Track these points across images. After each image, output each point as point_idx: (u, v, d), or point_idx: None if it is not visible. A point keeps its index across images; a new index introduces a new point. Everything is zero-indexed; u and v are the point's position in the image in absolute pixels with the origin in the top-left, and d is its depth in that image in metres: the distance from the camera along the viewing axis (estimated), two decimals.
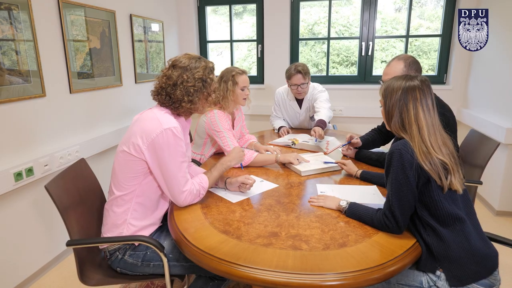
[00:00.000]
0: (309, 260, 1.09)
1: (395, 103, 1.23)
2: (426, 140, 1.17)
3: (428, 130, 1.18)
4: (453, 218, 1.14)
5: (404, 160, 1.15)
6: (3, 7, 1.80)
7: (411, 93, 1.21)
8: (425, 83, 1.23)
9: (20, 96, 1.92)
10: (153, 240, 1.33)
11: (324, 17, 3.89)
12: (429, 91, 1.22)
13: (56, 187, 1.38)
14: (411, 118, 1.20)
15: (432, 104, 1.22)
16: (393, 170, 1.18)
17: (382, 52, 4.06)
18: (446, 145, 1.21)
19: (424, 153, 1.15)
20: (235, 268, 1.07)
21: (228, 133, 2.10)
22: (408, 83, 1.22)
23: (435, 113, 1.22)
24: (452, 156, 1.20)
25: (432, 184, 1.14)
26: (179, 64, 1.42)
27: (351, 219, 1.35)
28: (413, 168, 1.14)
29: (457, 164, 1.20)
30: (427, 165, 1.13)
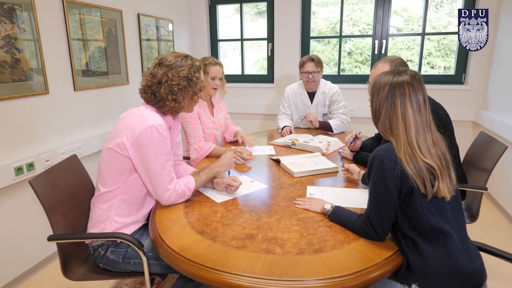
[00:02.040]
0: (279, 265, 1.05)
1: (383, 101, 1.14)
2: (413, 141, 1.08)
3: (416, 129, 1.09)
4: (436, 231, 1.05)
5: (385, 168, 1.07)
6: (6, 7, 1.86)
7: (399, 89, 1.11)
8: (416, 78, 1.13)
9: (23, 93, 1.98)
10: (132, 238, 1.33)
11: (347, 15, 3.79)
12: (420, 86, 1.12)
13: (42, 182, 1.40)
14: (398, 116, 1.10)
15: (424, 101, 1.12)
16: (373, 178, 1.11)
17: (407, 51, 3.92)
18: (438, 146, 1.12)
19: (409, 155, 1.06)
20: (202, 270, 1.05)
21: (192, 122, 2.22)
22: (396, 78, 1.13)
23: (427, 110, 1.12)
24: (443, 158, 1.10)
25: (415, 194, 1.05)
26: (165, 63, 1.42)
27: (334, 224, 1.29)
28: (395, 177, 1.06)
29: (449, 167, 1.11)
30: (411, 169, 1.05)
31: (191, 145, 2.24)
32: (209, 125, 2.36)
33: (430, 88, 3.46)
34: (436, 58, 3.84)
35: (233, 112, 4.04)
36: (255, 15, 3.94)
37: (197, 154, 2.21)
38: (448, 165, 1.10)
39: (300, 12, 3.68)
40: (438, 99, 3.37)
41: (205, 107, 2.37)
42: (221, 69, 2.33)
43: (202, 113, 2.33)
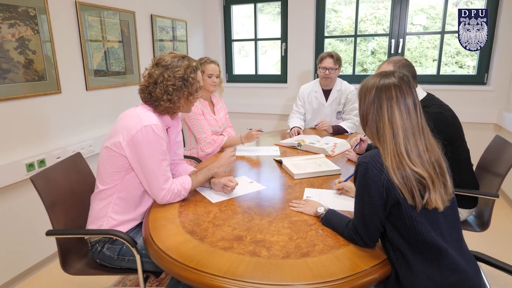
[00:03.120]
0: (263, 268, 1.03)
1: (369, 105, 1.08)
2: (401, 147, 1.01)
3: (404, 135, 1.02)
4: (428, 245, 0.99)
5: (369, 177, 1.02)
6: (21, 10, 1.94)
7: (385, 92, 1.05)
8: (404, 80, 1.07)
9: (36, 93, 2.07)
10: (126, 235, 1.35)
11: (371, 13, 3.71)
12: (409, 89, 1.06)
13: (44, 179, 1.45)
14: (385, 121, 1.04)
15: (414, 104, 1.06)
16: (357, 186, 1.06)
17: (434, 50, 3.77)
18: (431, 152, 1.05)
19: (396, 163, 0.99)
20: (186, 270, 1.05)
21: (198, 118, 2.30)
22: (383, 81, 1.07)
23: (418, 114, 1.06)
24: (437, 165, 1.03)
25: (402, 206, 0.99)
26: (162, 63, 1.44)
27: (327, 228, 1.26)
28: (380, 186, 1.00)
29: (444, 175, 1.04)
30: (398, 178, 0.98)
31: (202, 141, 2.30)
32: (211, 123, 2.40)
33: (450, 88, 3.33)
34: (465, 57, 3.68)
35: (247, 112, 4.06)
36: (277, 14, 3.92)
37: (212, 147, 2.31)
38: (443, 172, 1.04)
39: (314, 11, 3.63)
40: (457, 100, 3.27)
41: (207, 105, 2.44)
42: (217, 67, 2.40)
43: (205, 111, 2.39)
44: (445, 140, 1.63)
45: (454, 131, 1.65)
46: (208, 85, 2.37)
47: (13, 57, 1.92)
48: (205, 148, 2.31)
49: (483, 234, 2.44)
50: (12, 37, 1.91)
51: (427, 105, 1.72)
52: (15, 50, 1.93)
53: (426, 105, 1.73)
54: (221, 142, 2.34)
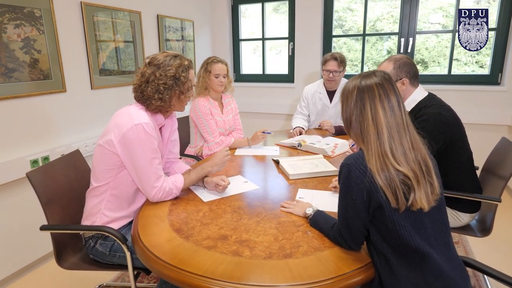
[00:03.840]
0: (243, 268, 1.03)
1: (352, 107, 1.06)
2: (385, 147, 0.98)
3: (389, 133, 0.99)
4: (411, 250, 0.95)
5: (351, 179, 0.99)
6: (26, 11, 2.00)
7: (368, 92, 1.03)
8: (386, 78, 1.05)
9: (41, 91, 2.12)
10: (117, 232, 1.37)
11: (388, 12, 3.64)
12: (391, 87, 1.04)
13: (41, 175, 1.49)
14: (368, 121, 1.01)
15: (398, 102, 1.03)
16: (341, 188, 1.04)
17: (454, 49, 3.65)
18: (417, 150, 1.02)
19: (380, 164, 0.97)
20: (166, 268, 1.06)
21: (206, 118, 2.28)
22: (364, 81, 1.05)
23: (403, 111, 1.03)
24: (423, 163, 1.00)
25: (385, 209, 0.96)
26: (154, 62, 1.45)
27: (314, 229, 1.24)
28: (362, 189, 0.97)
29: (430, 174, 1.00)
30: (382, 179, 0.95)
31: (209, 141, 2.30)
32: (219, 124, 2.39)
33: (461, 89, 3.23)
34: (486, 57, 3.56)
35: (254, 111, 4.05)
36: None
37: (220, 147, 2.30)
38: (429, 171, 1.00)
39: (322, 10, 3.59)
40: (469, 101, 3.18)
41: (216, 106, 2.41)
42: (225, 66, 2.36)
43: (214, 111, 2.38)
44: (444, 141, 1.60)
45: (455, 132, 1.60)
46: (215, 85, 2.33)
47: (18, 57, 1.98)
48: (213, 148, 2.31)
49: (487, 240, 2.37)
50: (17, 37, 1.97)
51: (427, 105, 1.68)
52: (20, 50, 1.99)
53: (426, 105, 1.68)
54: (228, 143, 2.33)
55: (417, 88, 1.76)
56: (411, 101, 1.75)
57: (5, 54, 1.91)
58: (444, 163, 1.65)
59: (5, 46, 1.91)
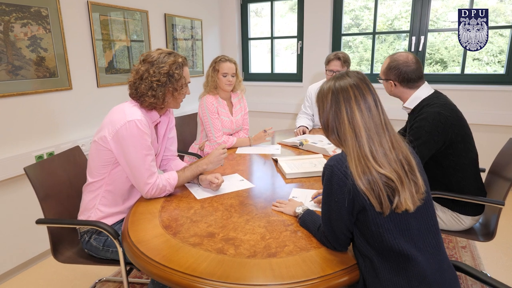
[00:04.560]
0: (224, 266, 1.02)
1: (328, 110, 1.02)
2: (365, 149, 0.95)
3: (368, 135, 0.96)
4: (395, 253, 0.92)
5: (333, 182, 0.96)
6: (33, 10, 2.05)
7: (342, 94, 0.99)
8: (360, 78, 1.01)
9: (47, 89, 2.17)
10: (109, 227, 1.39)
11: (406, 10, 3.57)
12: (367, 87, 1.00)
13: (39, 170, 1.53)
14: (345, 124, 0.98)
15: (375, 101, 0.99)
16: (324, 190, 1.01)
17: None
18: (398, 149, 0.97)
19: (362, 167, 0.93)
20: (149, 263, 1.06)
21: (212, 116, 2.27)
22: (338, 83, 1.02)
23: (380, 111, 0.99)
24: (406, 162, 0.96)
25: (368, 212, 0.93)
26: (148, 59, 1.46)
27: (303, 229, 1.22)
28: (345, 192, 0.94)
29: (413, 172, 0.96)
30: (363, 184, 0.92)
31: (212, 140, 2.29)
32: (225, 124, 2.37)
33: (475, 89, 3.12)
34: None
35: (263, 110, 4.04)
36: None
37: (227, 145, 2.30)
38: (412, 170, 0.96)
39: (331, 8, 3.54)
40: (482, 101, 3.06)
41: (225, 105, 2.38)
42: (233, 65, 2.32)
43: (221, 111, 2.35)
44: (444, 141, 1.54)
45: (456, 133, 1.54)
46: (223, 84, 2.30)
47: (25, 55, 2.04)
48: (215, 147, 2.30)
49: (496, 245, 2.28)
50: (24, 35, 2.02)
51: (429, 103, 1.62)
52: (27, 48, 2.04)
53: (427, 103, 1.63)
54: (231, 143, 2.31)
55: (423, 86, 1.71)
56: (414, 99, 1.70)
57: (12, 52, 1.97)
58: (445, 164, 1.60)
59: (12, 45, 1.97)
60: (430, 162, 1.61)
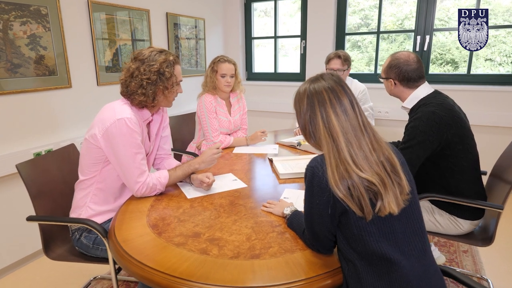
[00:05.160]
0: (205, 267, 1.00)
1: (305, 114, 1.00)
2: (344, 154, 0.91)
3: (346, 139, 0.92)
4: (378, 257, 0.89)
5: (314, 183, 0.93)
6: (32, 8, 2.07)
7: (317, 97, 0.97)
8: (335, 81, 0.99)
9: (46, 87, 2.19)
10: (97, 225, 1.39)
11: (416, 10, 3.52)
12: (342, 89, 0.97)
13: (32, 167, 1.53)
14: (320, 129, 0.95)
15: (351, 103, 0.97)
16: (305, 192, 0.98)
17: (487, 49, 3.47)
18: (379, 151, 0.94)
19: (340, 173, 0.89)
20: (131, 263, 1.05)
21: (210, 116, 2.27)
22: (313, 86, 0.99)
23: (358, 112, 0.96)
24: (388, 163, 0.93)
25: (350, 215, 0.90)
26: (139, 57, 1.45)
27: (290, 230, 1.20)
28: (326, 195, 0.91)
29: (397, 173, 0.93)
30: (341, 190, 0.87)
31: (209, 140, 2.29)
32: (223, 124, 2.36)
33: (482, 89, 3.04)
34: None
35: (266, 110, 4.02)
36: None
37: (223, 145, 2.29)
38: (396, 170, 0.93)
39: (335, 7, 3.50)
40: (489, 102, 2.98)
41: (223, 105, 2.38)
42: (233, 66, 2.30)
43: (220, 111, 2.35)
44: (440, 142, 1.50)
45: (453, 134, 1.49)
46: (222, 85, 2.29)
47: (24, 53, 2.05)
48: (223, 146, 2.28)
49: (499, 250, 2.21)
50: (23, 34, 2.04)
51: (425, 103, 1.58)
52: (26, 46, 2.06)
53: (424, 103, 1.59)
54: (228, 143, 2.30)
55: (422, 85, 1.67)
56: (413, 98, 1.66)
57: (11, 51, 1.99)
58: (443, 166, 1.56)
59: (11, 43, 1.98)
60: (427, 163, 1.57)
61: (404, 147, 1.55)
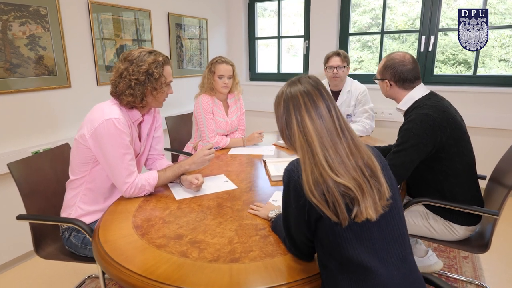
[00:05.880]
0: (183, 270, 0.99)
1: (281, 118, 0.98)
2: (319, 157, 0.87)
3: (321, 143, 0.89)
4: (354, 264, 0.86)
5: (291, 187, 0.91)
6: (32, 9, 2.09)
7: (292, 101, 0.95)
8: (312, 84, 0.96)
9: (45, 86, 2.22)
10: (85, 225, 1.39)
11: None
12: (318, 92, 0.95)
13: (24, 166, 1.55)
14: (295, 133, 0.93)
15: (329, 108, 0.94)
16: (282, 196, 0.97)
17: (500, 49, 3.39)
18: (357, 155, 0.90)
19: (315, 178, 0.86)
20: (110, 264, 1.05)
21: (206, 116, 2.26)
22: (289, 90, 0.97)
23: (335, 117, 0.93)
24: (367, 167, 0.90)
25: (325, 220, 0.87)
26: (128, 57, 1.45)
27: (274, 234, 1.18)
28: (302, 199, 0.88)
29: (376, 177, 0.89)
30: (315, 196, 0.85)
31: (205, 140, 2.28)
32: (220, 125, 2.35)
33: (488, 91, 2.96)
34: None
35: (269, 111, 4.00)
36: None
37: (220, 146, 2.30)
38: (375, 175, 0.90)
39: (338, 7, 3.46)
40: (495, 104, 2.90)
41: (221, 106, 2.37)
42: (230, 67, 2.28)
43: (217, 111, 2.34)
44: (434, 145, 1.46)
45: (447, 136, 1.45)
46: (219, 86, 2.27)
47: (23, 53, 2.08)
48: (215, 146, 2.28)
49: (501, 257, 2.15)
50: (22, 34, 2.07)
51: (419, 105, 1.54)
52: (25, 46, 2.09)
53: (418, 105, 1.55)
54: (224, 144, 2.30)
55: (417, 87, 1.63)
56: (408, 100, 1.63)
57: (10, 51, 2.02)
58: (437, 169, 1.52)
59: (10, 43, 2.01)
60: (421, 166, 1.53)
61: (397, 150, 1.52)
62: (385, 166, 0.95)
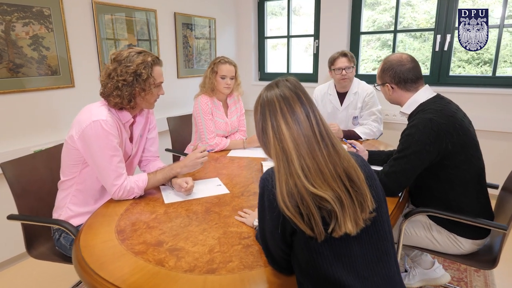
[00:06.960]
0: (156, 280, 0.95)
1: (259, 123, 0.93)
2: (295, 166, 0.81)
3: (297, 150, 0.83)
4: (332, 283, 0.80)
5: (265, 197, 0.86)
6: (35, 10, 2.11)
7: (268, 107, 0.89)
8: (290, 88, 0.90)
9: (48, 86, 2.24)
10: (72, 227, 1.38)
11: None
12: (296, 98, 0.88)
13: (17, 166, 1.55)
14: (270, 139, 0.87)
15: (306, 113, 0.87)
16: (258, 207, 0.91)
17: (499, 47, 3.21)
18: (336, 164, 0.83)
19: (289, 189, 0.80)
20: (84, 270, 1.02)
21: (205, 118, 2.22)
22: (266, 94, 0.91)
23: (313, 122, 0.87)
24: (346, 177, 0.82)
25: (300, 235, 0.81)
26: (118, 58, 1.43)
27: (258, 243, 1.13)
28: (276, 211, 0.83)
29: (358, 188, 0.82)
30: (289, 208, 0.79)
31: (204, 142, 2.25)
32: (220, 126, 2.31)
33: (506, 92, 2.79)
34: None
35: None
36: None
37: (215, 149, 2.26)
38: (357, 185, 0.82)
39: (349, 5, 3.35)
40: None
41: (220, 107, 2.33)
42: (233, 68, 2.24)
43: (216, 112, 2.30)
44: (438, 152, 1.36)
45: (453, 142, 1.35)
46: (221, 87, 2.23)
47: (26, 53, 2.11)
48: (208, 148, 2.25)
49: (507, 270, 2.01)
50: (26, 34, 2.09)
51: (423, 109, 1.44)
52: (28, 46, 2.11)
53: (422, 109, 1.45)
54: (224, 145, 2.25)
55: (422, 89, 1.53)
56: (412, 103, 1.53)
57: (13, 51, 2.04)
58: (442, 177, 1.42)
59: (13, 43, 2.04)
60: (424, 173, 1.43)
61: (398, 156, 1.42)
62: (370, 175, 0.88)
